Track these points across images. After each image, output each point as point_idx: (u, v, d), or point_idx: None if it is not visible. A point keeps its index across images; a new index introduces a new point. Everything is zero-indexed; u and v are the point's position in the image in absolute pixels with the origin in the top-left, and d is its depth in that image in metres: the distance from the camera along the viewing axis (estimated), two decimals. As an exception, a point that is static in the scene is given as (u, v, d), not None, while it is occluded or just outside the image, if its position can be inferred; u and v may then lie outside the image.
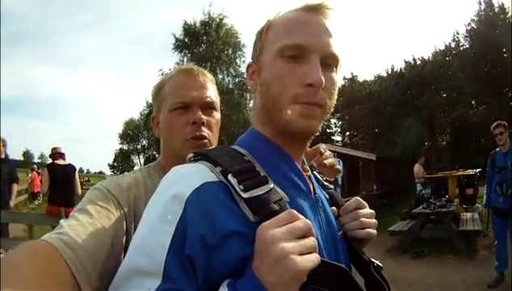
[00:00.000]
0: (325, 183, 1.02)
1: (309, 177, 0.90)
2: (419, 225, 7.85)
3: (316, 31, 0.80)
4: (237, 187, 0.71)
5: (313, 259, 0.65)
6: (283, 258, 0.62)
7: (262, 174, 0.77)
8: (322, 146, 1.22)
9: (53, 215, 5.95)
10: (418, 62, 30.87)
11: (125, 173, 1.24)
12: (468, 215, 8.61)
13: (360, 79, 41.04)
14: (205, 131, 1.11)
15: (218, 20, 27.48)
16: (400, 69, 32.32)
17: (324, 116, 0.83)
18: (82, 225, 0.87)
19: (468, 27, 27.03)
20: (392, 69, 33.35)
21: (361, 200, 0.92)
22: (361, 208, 0.91)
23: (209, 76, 1.21)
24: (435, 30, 77.55)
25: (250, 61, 0.91)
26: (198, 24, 27.59)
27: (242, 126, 22.27)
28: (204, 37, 27.43)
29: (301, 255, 0.64)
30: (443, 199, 8.83)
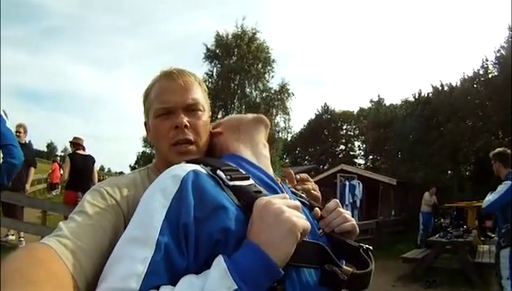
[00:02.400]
0: (302, 195, 1.16)
1: (281, 183, 1.05)
2: (434, 254, 7.73)
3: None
4: (224, 178, 0.86)
5: (306, 222, 0.76)
6: (281, 213, 0.73)
7: (244, 173, 0.93)
8: (297, 173, 1.39)
9: (70, 201, 6.24)
10: (446, 88, 30.21)
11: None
12: (485, 247, 8.43)
13: (387, 103, 40.73)
14: (189, 134, 1.10)
15: (251, 34, 27.50)
16: (428, 95, 31.75)
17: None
18: (81, 226, 0.88)
19: (498, 54, 26.37)
20: (419, 94, 32.78)
21: (338, 201, 1.03)
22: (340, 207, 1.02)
23: (191, 76, 1.20)
24: (465, 55, 76.26)
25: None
26: (230, 36, 27.68)
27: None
28: (235, 50, 27.35)
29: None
30: (461, 229, 8.67)
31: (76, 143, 6.88)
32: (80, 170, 6.60)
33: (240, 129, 1.17)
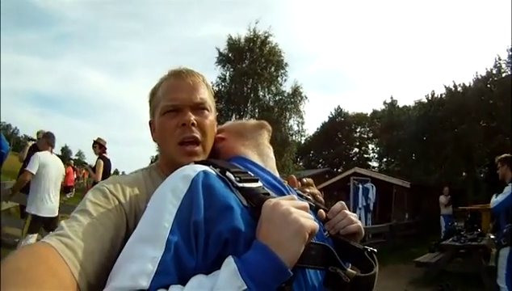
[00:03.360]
0: (308, 197, 1.19)
1: (288, 185, 1.10)
2: (447, 258, 7.68)
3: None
4: (233, 179, 0.88)
5: (314, 222, 0.76)
6: (289, 214, 0.74)
7: (252, 175, 0.96)
8: (304, 179, 1.46)
9: None
10: (459, 89, 29.80)
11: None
12: (500, 251, 8.33)
13: (400, 104, 40.45)
14: (196, 132, 1.10)
15: (263, 38, 27.30)
16: (441, 96, 31.42)
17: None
18: (82, 225, 0.88)
19: (510, 53, 26.04)
20: (433, 95, 32.56)
21: (344, 203, 1.04)
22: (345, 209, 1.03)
23: (200, 77, 1.20)
24: (478, 54, 75.34)
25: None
26: (242, 40, 27.52)
27: (280, 143, 22.10)
28: (248, 53, 27.06)
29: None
30: (475, 232, 8.54)
31: (102, 145, 7.24)
32: (107, 172, 7.07)
33: (244, 134, 1.19)
